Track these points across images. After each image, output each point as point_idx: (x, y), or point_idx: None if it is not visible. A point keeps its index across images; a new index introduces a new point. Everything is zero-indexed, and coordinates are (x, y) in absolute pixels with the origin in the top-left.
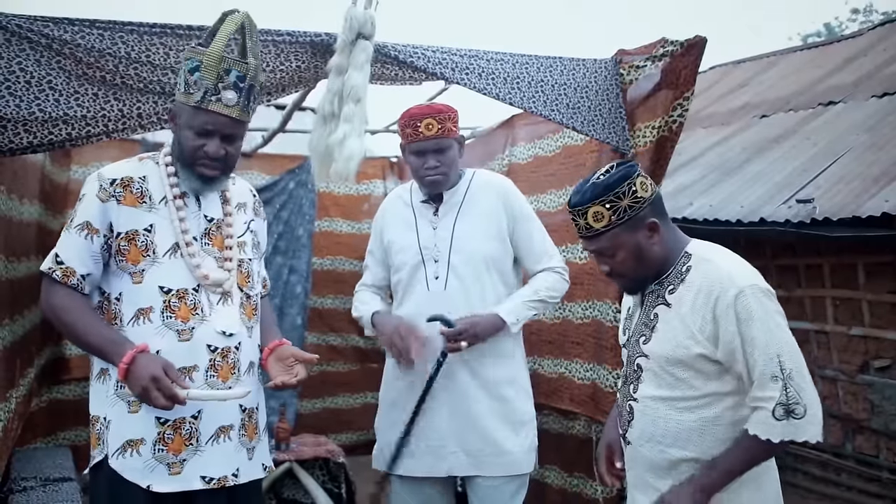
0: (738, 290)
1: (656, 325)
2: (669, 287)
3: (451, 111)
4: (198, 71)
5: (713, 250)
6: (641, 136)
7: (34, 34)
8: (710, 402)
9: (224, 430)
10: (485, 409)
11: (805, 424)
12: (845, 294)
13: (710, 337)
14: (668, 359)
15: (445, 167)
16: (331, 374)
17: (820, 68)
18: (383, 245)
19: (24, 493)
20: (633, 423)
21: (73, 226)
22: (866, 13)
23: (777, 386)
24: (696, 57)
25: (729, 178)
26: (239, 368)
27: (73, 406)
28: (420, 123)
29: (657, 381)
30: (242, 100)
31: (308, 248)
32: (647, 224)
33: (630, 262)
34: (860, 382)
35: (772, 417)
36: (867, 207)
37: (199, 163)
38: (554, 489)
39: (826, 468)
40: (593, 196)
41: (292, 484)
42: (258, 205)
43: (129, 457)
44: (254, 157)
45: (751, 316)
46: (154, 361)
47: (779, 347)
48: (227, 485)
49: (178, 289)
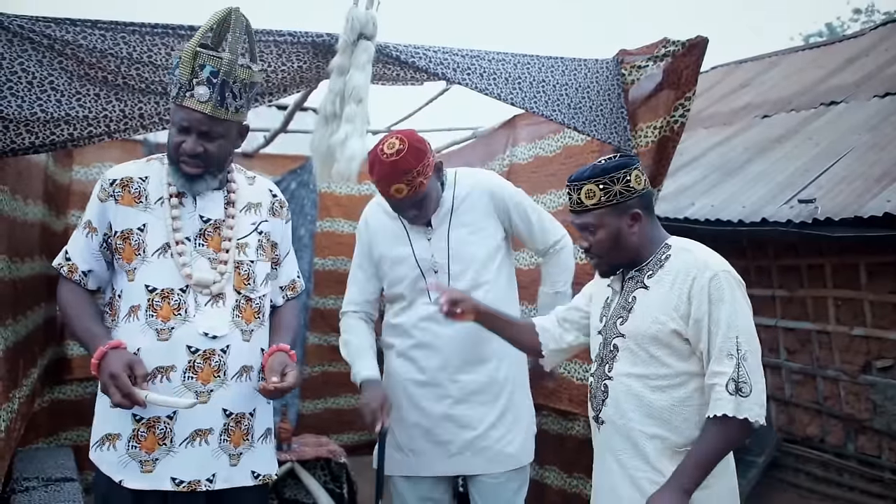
0: (713, 273)
1: (634, 306)
2: (648, 273)
3: (418, 161)
4: (178, 68)
5: (692, 243)
6: (643, 137)
7: (36, 35)
8: (681, 382)
9: (201, 433)
10: (485, 407)
11: (749, 403)
12: (847, 294)
13: (683, 315)
14: (644, 335)
15: (424, 211)
16: (332, 375)
17: (822, 68)
18: (373, 260)
19: (26, 494)
20: (607, 402)
21: (81, 224)
22: (868, 13)
23: (731, 363)
24: (697, 57)
25: (731, 178)
26: (225, 372)
27: (75, 406)
28: (390, 188)
29: (633, 359)
30: (216, 95)
31: (310, 248)
32: (631, 213)
33: (607, 244)
34: (862, 383)
35: (724, 391)
36: (869, 207)
37: (181, 160)
38: (553, 490)
39: (828, 468)
40: (591, 175)
41: (294, 484)
42: (278, 205)
43: (106, 450)
44: (255, 157)
45: (721, 298)
46: (119, 359)
47: (738, 330)
48: (199, 489)
49: (163, 288)
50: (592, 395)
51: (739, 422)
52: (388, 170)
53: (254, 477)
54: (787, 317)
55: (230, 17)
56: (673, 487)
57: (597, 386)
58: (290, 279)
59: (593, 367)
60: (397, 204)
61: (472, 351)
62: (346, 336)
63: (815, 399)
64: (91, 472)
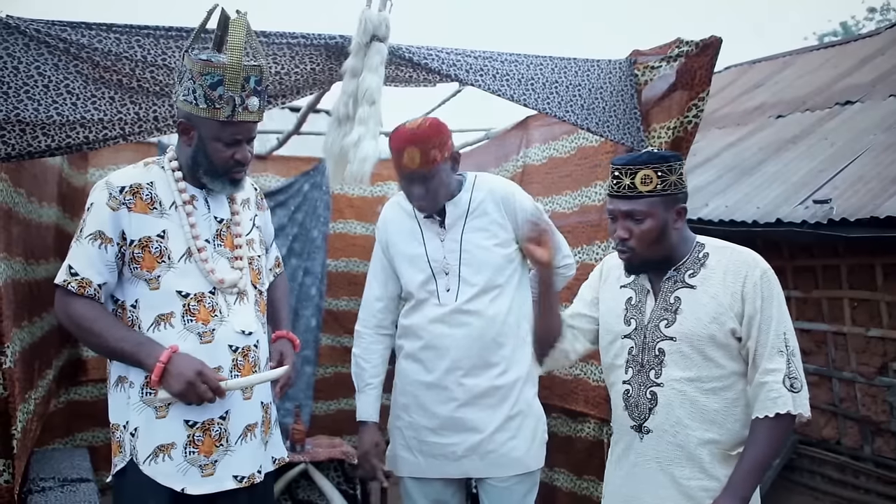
0: (763, 271)
1: (679, 307)
2: (688, 272)
3: (436, 136)
4: (221, 86)
5: (723, 241)
6: (657, 137)
7: (52, 38)
8: (732, 382)
9: (250, 428)
10: (491, 410)
11: (801, 398)
12: (863, 295)
13: (738, 313)
14: (700, 336)
15: (431, 194)
16: (345, 376)
17: (836, 68)
18: (389, 257)
19: (42, 494)
20: (656, 410)
21: (83, 236)
22: (883, 12)
23: (783, 360)
24: (711, 57)
25: (745, 178)
26: (259, 366)
27: (91, 407)
28: (403, 154)
29: (685, 363)
30: (263, 102)
31: (322, 249)
32: (678, 208)
33: (652, 234)
34: (879, 384)
35: (783, 387)
36: (885, 208)
37: (233, 171)
38: (563, 492)
39: (844, 471)
40: (649, 160)
41: (307, 485)
42: (260, 198)
43: (162, 461)
44: (269, 159)
45: (771, 294)
46: (193, 358)
47: (786, 326)
48: (256, 482)
49: (195, 293)
50: (633, 404)
51: (792, 419)
52: (405, 136)
53: (273, 462)
54: (803, 318)
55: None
56: (731, 496)
57: (639, 394)
58: (275, 258)
59: (627, 374)
60: (407, 178)
61: (480, 354)
62: (357, 358)
63: (831, 401)
64: (105, 473)
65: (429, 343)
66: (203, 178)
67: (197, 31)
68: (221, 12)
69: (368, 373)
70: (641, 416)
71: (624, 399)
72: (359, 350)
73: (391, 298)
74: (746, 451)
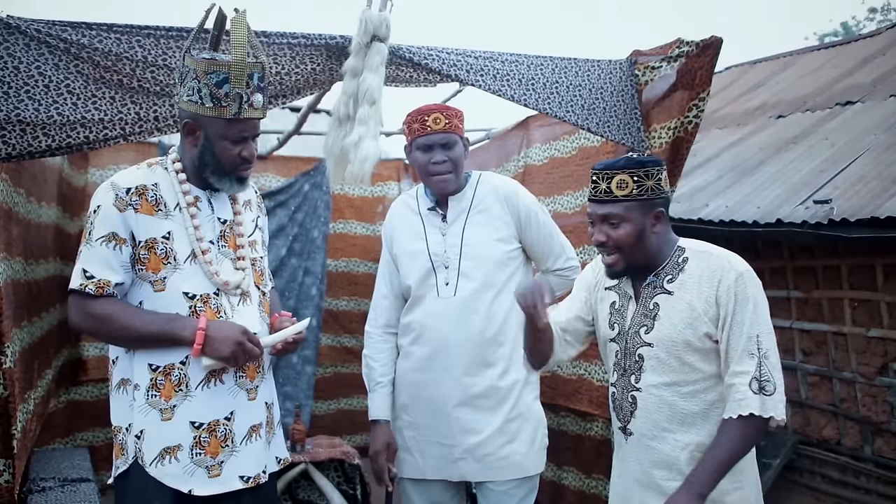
0: (738, 274)
1: (658, 313)
2: (667, 277)
3: (458, 110)
4: (227, 83)
5: (705, 244)
6: (657, 137)
7: (52, 38)
8: (713, 384)
9: (255, 428)
10: (490, 412)
11: (773, 402)
12: (863, 295)
13: (713, 318)
14: (675, 342)
15: (452, 163)
16: (345, 376)
17: (837, 68)
18: (393, 254)
19: (42, 494)
20: (636, 414)
21: (94, 239)
22: (884, 12)
23: (753, 362)
24: (711, 57)
25: (745, 178)
26: (263, 367)
27: (91, 407)
28: (428, 118)
29: (661, 368)
30: (266, 98)
31: (323, 249)
32: (656, 213)
33: (629, 239)
34: (879, 385)
35: (748, 389)
36: (886, 208)
37: (240, 168)
38: (571, 491)
39: (845, 471)
40: (625, 165)
41: (307, 485)
42: (259, 200)
43: (168, 463)
44: (269, 159)
45: (746, 297)
46: (231, 322)
47: (759, 329)
48: (261, 482)
49: (201, 294)
50: (618, 406)
51: (762, 421)
52: (430, 106)
53: (277, 462)
54: (803, 318)
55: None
56: (688, 491)
57: (622, 397)
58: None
59: (614, 377)
60: (429, 145)
61: (478, 352)
62: (367, 357)
63: (831, 401)
64: (106, 473)
65: (427, 338)
66: (210, 178)
67: (196, 31)
68: (218, 12)
69: (378, 372)
70: (625, 418)
71: (611, 401)
72: (368, 350)
73: (397, 296)
74: (710, 450)
